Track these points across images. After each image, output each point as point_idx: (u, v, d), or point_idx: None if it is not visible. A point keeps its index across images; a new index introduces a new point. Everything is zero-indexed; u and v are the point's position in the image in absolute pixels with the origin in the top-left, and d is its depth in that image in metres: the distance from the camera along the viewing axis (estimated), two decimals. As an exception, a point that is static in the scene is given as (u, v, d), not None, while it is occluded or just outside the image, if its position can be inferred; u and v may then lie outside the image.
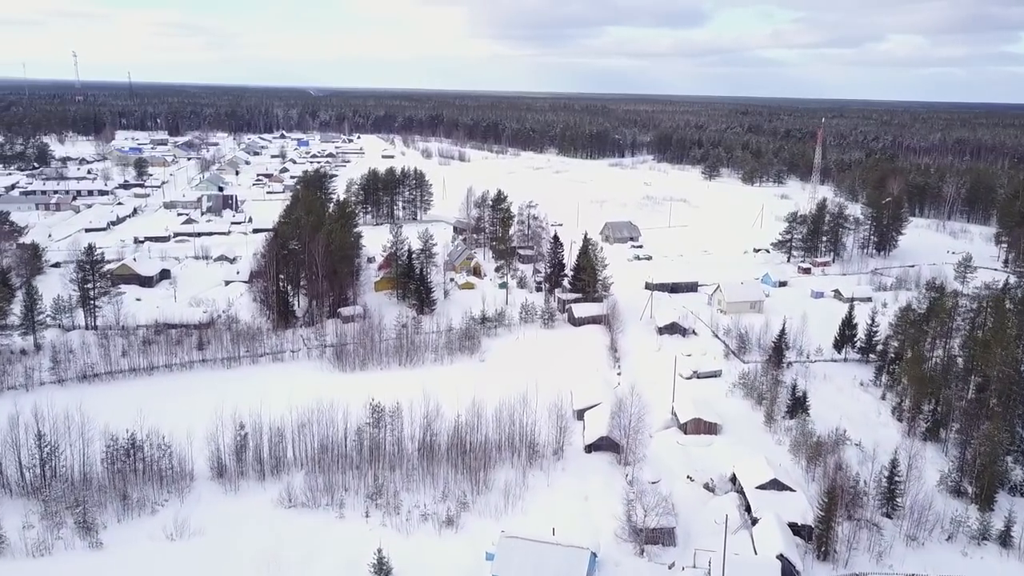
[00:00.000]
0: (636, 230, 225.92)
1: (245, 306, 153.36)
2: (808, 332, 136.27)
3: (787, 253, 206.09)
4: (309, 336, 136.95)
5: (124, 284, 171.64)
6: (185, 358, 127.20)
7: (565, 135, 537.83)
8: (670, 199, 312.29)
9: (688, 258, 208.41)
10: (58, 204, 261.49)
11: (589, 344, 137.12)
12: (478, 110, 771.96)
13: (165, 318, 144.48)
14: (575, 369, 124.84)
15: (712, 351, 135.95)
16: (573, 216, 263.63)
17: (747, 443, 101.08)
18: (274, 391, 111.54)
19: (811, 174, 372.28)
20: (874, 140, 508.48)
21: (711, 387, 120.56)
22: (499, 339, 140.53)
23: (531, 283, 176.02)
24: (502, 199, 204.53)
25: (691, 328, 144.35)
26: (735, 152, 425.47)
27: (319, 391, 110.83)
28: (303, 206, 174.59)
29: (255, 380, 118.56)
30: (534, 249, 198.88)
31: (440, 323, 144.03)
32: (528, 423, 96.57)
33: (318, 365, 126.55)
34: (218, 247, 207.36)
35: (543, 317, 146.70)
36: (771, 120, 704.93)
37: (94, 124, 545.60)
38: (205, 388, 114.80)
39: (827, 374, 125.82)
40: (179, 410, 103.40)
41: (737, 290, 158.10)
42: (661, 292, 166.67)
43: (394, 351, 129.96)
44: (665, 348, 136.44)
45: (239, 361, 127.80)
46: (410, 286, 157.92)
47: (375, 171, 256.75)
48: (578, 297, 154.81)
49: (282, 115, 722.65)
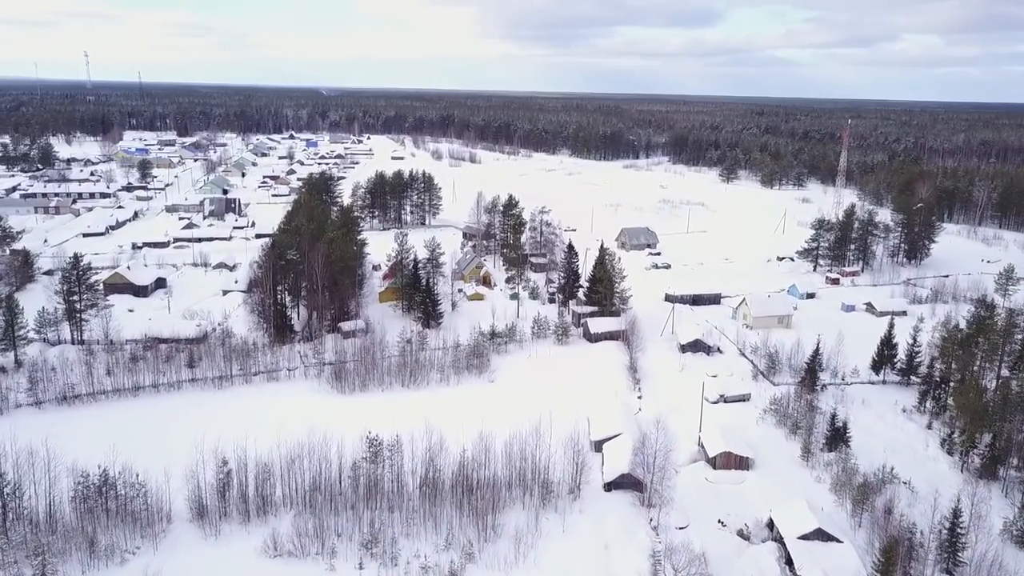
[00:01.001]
0: (653, 236, 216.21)
1: (242, 319, 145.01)
2: (843, 351, 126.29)
3: (813, 262, 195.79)
4: (307, 353, 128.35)
5: (117, 294, 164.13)
6: (174, 377, 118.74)
7: (578, 136, 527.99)
8: (687, 203, 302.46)
9: (709, 267, 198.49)
10: (57, 207, 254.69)
11: (606, 363, 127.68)
12: (489, 110, 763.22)
13: (156, 332, 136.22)
14: (592, 392, 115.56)
15: (739, 371, 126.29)
16: (587, 220, 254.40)
17: (783, 480, 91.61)
18: (266, 416, 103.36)
19: (833, 177, 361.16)
20: (895, 141, 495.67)
21: (740, 413, 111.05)
22: (510, 356, 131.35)
23: (544, 294, 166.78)
24: (513, 204, 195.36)
25: (716, 345, 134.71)
26: (753, 154, 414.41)
27: (314, 416, 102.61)
28: (304, 212, 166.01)
29: (246, 403, 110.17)
30: (547, 257, 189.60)
31: (447, 338, 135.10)
32: (541, 458, 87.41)
33: (315, 385, 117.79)
34: (218, 253, 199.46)
35: (557, 332, 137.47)
36: (788, 120, 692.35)
37: (102, 124, 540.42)
38: (192, 411, 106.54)
39: (865, 399, 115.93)
40: (160, 439, 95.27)
41: (764, 303, 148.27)
42: (682, 305, 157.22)
43: (397, 370, 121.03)
44: (688, 368, 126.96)
45: (231, 380, 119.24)
46: (416, 298, 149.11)
47: (382, 174, 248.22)
48: (594, 311, 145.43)
49: (292, 115, 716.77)
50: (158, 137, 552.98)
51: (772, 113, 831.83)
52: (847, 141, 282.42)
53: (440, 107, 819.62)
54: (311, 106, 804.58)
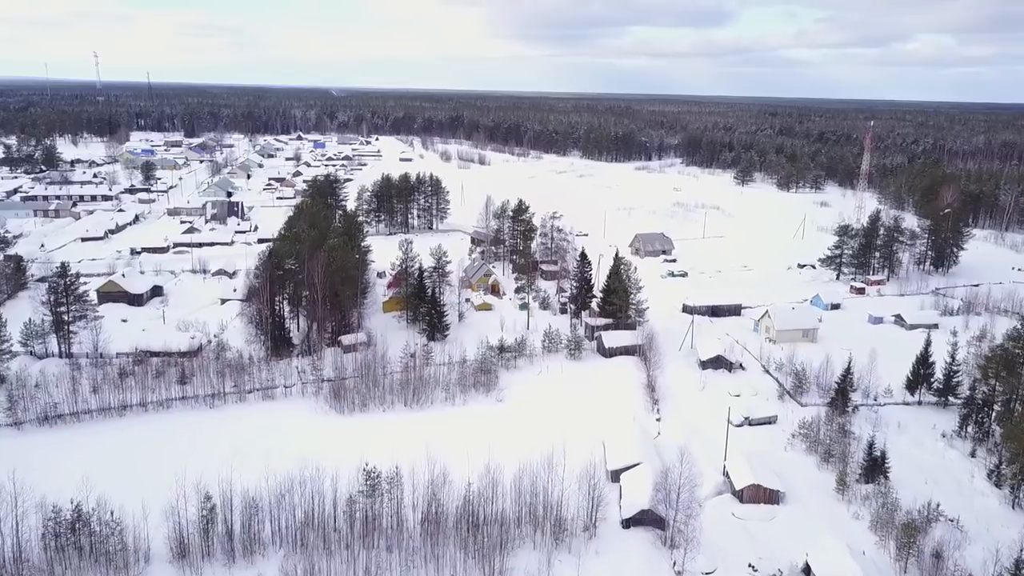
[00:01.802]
0: (669, 243, 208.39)
1: (239, 330, 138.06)
2: (875, 369, 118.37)
3: (836, 270, 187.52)
4: (305, 368, 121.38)
5: (111, 302, 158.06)
6: (163, 395, 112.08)
7: (589, 137, 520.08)
8: (702, 206, 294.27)
9: (727, 275, 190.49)
10: (57, 211, 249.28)
11: (622, 381, 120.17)
12: (499, 111, 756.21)
13: (148, 345, 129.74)
14: (607, 413, 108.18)
15: (763, 390, 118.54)
16: (598, 224, 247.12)
17: (817, 516, 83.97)
18: (258, 439, 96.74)
19: (852, 180, 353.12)
20: (913, 143, 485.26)
21: (766, 437, 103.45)
22: (519, 372, 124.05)
23: (555, 304, 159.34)
24: (523, 210, 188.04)
25: (738, 362, 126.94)
26: (768, 156, 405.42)
27: (310, 440, 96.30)
28: (306, 218, 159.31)
29: (238, 424, 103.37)
30: (558, 264, 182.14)
31: (453, 352, 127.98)
32: (554, 492, 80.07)
33: (312, 404, 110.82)
34: (219, 259, 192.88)
35: (569, 347, 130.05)
36: (802, 121, 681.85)
37: (109, 125, 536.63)
38: (180, 434, 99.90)
39: (901, 422, 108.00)
40: (142, 467, 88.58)
41: (788, 316, 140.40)
42: (700, 316, 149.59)
43: (399, 388, 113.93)
44: (709, 386, 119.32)
45: (224, 399, 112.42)
46: (420, 309, 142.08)
47: (388, 177, 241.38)
48: (608, 323, 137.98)
49: (300, 116, 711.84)
50: (164, 138, 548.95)
51: (785, 114, 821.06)
52: (869, 144, 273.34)
53: (449, 108, 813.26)
54: (319, 107, 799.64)
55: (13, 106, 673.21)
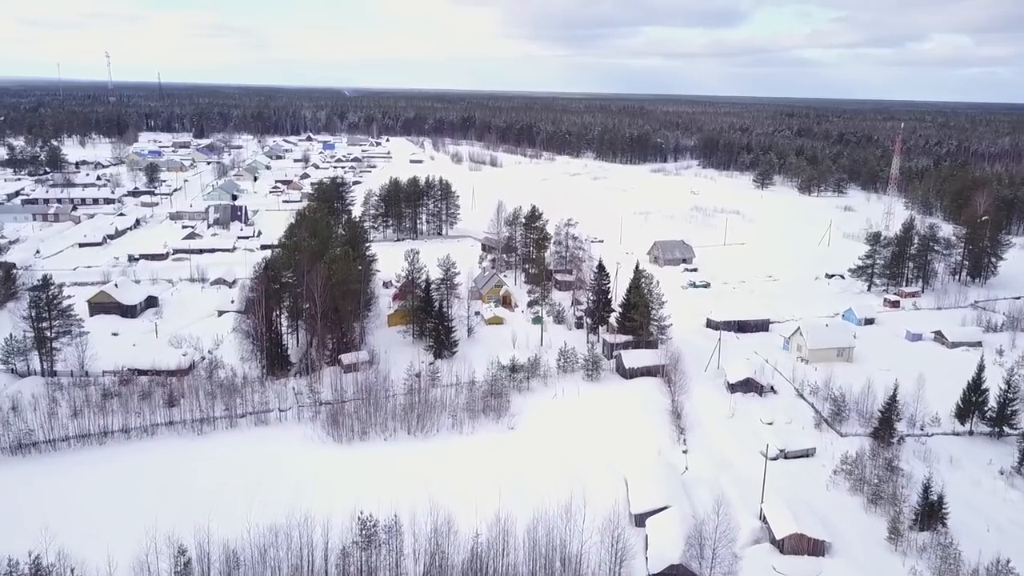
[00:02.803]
0: (689, 251, 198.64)
1: (234, 346, 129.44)
2: (921, 394, 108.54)
3: (868, 281, 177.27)
4: (302, 390, 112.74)
5: (103, 313, 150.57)
6: (149, 419, 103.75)
7: (604, 138, 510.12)
8: (721, 211, 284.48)
9: (751, 285, 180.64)
10: (56, 215, 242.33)
11: (644, 406, 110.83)
12: (511, 111, 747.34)
13: (136, 362, 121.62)
14: (629, 443, 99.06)
15: (798, 417, 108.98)
16: (615, 229, 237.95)
17: (869, 572, 74.45)
18: (246, 472, 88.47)
19: (876, 184, 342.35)
20: (937, 144, 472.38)
21: (804, 473, 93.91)
22: (532, 396, 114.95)
23: (570, 318, 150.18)
24: (537, 216, 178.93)
25: (769, 385, 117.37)
26: (788, 158, 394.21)
27: (303, 473, 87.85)
28: (307, 225, 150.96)
29: (226, 455, 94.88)
30: (573, 274, 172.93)
31: (461, 371, 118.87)
32: (572, 543, 71.00)
33: (308, 431, 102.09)
34: (219, 267, 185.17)
35: (586, 367, 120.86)
36: (820, 122, 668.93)
37: (117, 126, 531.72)
38: (163, 465, 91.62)
39: (953, 456, 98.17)
40: (116, 507, 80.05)
41: (822, 333, 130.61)
42: (725, 332, 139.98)
43: (402, 413, 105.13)
44: (739, 412, 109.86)
45: (213, 424, 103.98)
46: (427, 324, 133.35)
47: (397, 181, 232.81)
48: (628, 340, 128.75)
49: (310, 117, 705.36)
50: (173, 139, 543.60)
51: (802, 115, 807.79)
52: (899, 146, 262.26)
53: (461, 108, 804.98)
54: (330, 107, 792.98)
55: (24, 106, 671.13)
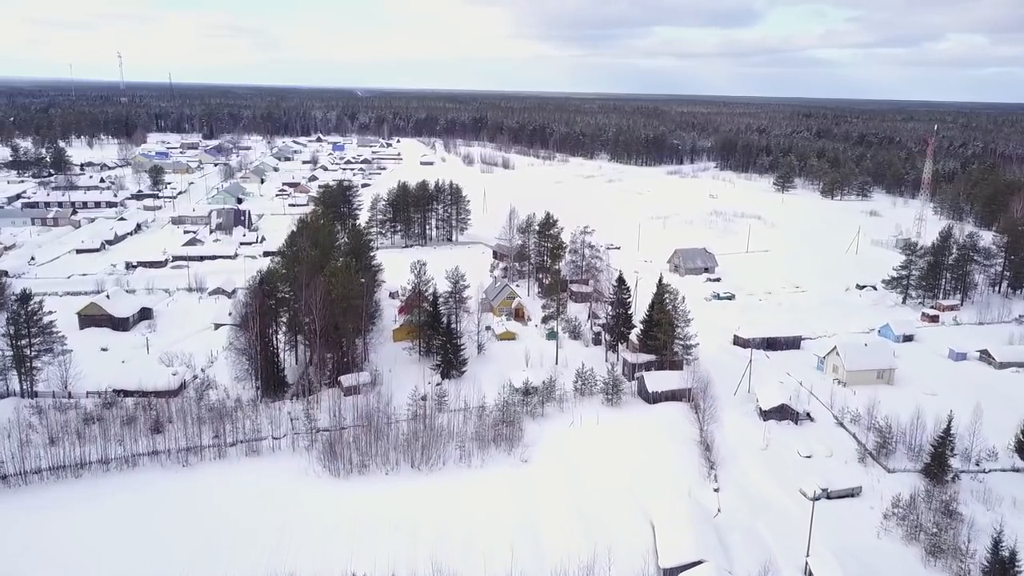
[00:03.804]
0: (712, 259, 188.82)
1: (229, 364, 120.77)
2: (978, 425, 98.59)
3: (903, 293, 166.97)
4: (298, 415, 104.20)
5: (94, 327, 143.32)
6: (131, 448, 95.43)
7: (618, 140, 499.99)
8: (742, 215, 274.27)
9: (778, 297, 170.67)
10: (55, 219, 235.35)
11: (670, 436, 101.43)
12: (523, 112, 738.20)
13: (122, 382, 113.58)
14: (655, 479, 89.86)
15: (839, 449, 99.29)
16: (631, 234, 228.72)
17: (936, 643, 64.97)
18: (231, 515, 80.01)
19: (902, 187, 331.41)
20: (962, 146, 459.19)
21: (851, 516, 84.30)
22: (548, 423, 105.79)
23: (587, 333, 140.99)
24: (551, 224, 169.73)
25: (805, 411, 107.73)
26: (809, 160, 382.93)
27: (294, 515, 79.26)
28: (309, 234, 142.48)
29: (211, 492, 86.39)
30: (590, 284, 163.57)
31: (470, 394, 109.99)
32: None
33: (303, 463, 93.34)
34: (218, 275, 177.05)
35: (606, 390, 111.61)
36: (838, 123, 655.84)
37: (126, 127, 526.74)
38: (140, 505, 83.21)
39: (1016, 497, 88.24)
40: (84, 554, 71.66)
41: (860, 353, 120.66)
42: (755, 350, 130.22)
43: (406, 443, 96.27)
44: (774, 443, 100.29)
45: (200, 454, 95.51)
46: (434, 341, 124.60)
47: (405, 185, 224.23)
48: (650, 360, 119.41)
49: (320, 117, 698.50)
50: (182, 140, 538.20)
51: (820, 115, 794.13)
52: (932, 149, 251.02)
53: (472, 109, 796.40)
54: (340, 107, 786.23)
55: (34, 107, 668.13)
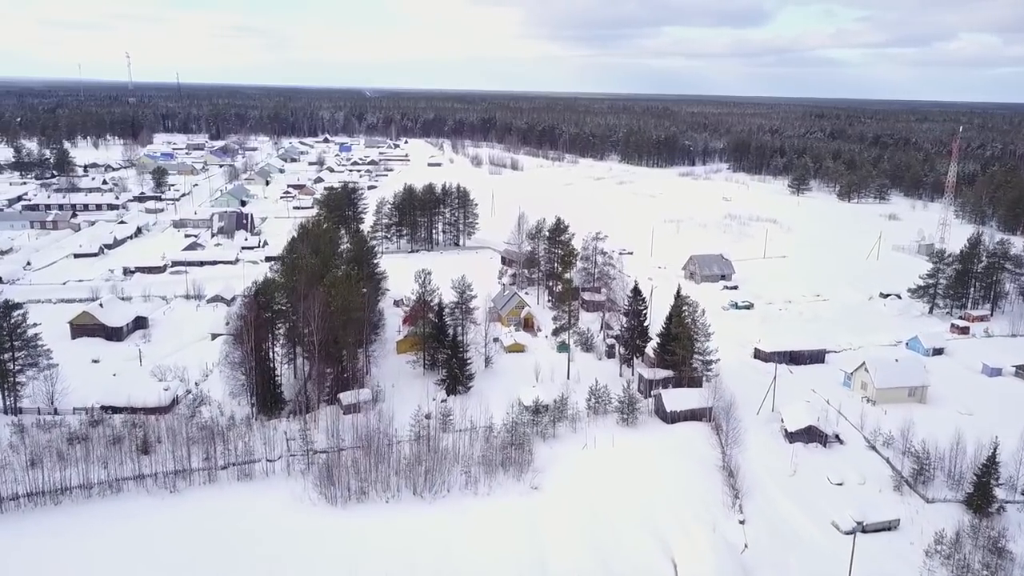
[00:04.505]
0: (729, 266, 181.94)
1: (224, 378, 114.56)
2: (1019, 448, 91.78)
3: (930, 303, 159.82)
4: (295, 435, 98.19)
5: (86, 336, 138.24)
6: (116, 471, 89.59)
7: (629, 140, 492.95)
8: (757, 219, 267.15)
9: (799, 306, 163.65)
10: (55, 222, 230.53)
11: (691, 460, 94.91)
12: (532, 112, 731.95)
13: (111, 398, 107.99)
14: (675, 510, 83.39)
15: (872, 476, 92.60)
16: (643, 238, 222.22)
17: None
18: (217, 550, 73.86)
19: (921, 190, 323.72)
20: (980, 148, 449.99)
21: (889, 552, 77.72)
22: (559, 445, 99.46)
23: (600, 344, 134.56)
24: (562, 230, 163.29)
25: (834, 433, 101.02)
26: (824, 162, 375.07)
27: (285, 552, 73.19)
28: (309, 241, 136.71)
29: (199, 519, 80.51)
30: (602, 292, 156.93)
31: (477, 411, 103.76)
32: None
33: (298, 489, 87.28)
34: (218, 281, 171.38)
35: (621, 409, 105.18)
36: (852, 124, 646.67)
37: (131, 127, 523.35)
38: (120, 538, 77.32)
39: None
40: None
41: (891, 370, 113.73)
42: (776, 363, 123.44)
43: (407, 468, 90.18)
44: (802, 468, 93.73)
45: (189, 479, 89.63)
46: (440, 354, 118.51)
47: (412, 188, 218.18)
48: (668, 376, 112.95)
49: (328, 118, 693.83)
50: (188, 141, 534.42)
51: (833, 115, 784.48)
52: (956, 151, 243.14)
53: (481, 109, 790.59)
54: (348, 108, 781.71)
55: (42, 107, 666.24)
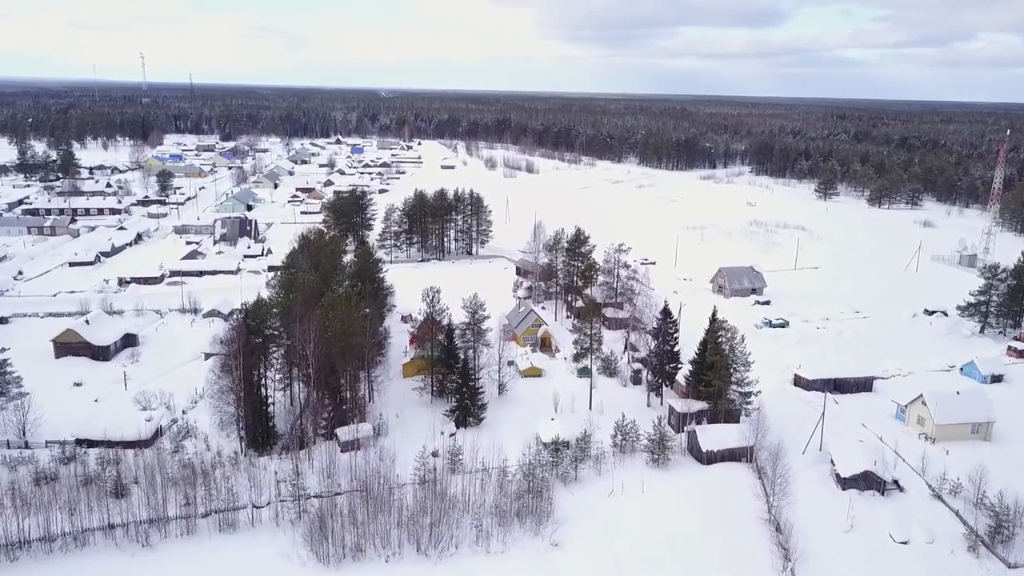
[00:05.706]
0: (760, 279, 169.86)
1: (213, 406, 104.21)
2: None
3: (981, 322, 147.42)
4: (286, 476, 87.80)
5: (71, 355, 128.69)
6: (83, 520, 79.62)
7: (648, 142, 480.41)
8: (784, 225, 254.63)
9: (838, 324, 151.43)
10: (53, 227, 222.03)
11: (732, 511, 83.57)
12: (548, 113, 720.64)
13: (87, 430, 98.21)
14: (717, 573, 72.20)
15: (940, 532, 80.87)
16: (666, 246, 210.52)
17: None
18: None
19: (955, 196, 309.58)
20: (1013, 151, 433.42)
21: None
22: (582, 490, 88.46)
23: (624, 368, 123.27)
24: (582, 242, 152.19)
25: (893, 479, 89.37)
26: (852, 165, 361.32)
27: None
28: (309, 254, 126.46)
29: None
30: (625, 308, 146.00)
31: (489, 448, 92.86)
32: None
33: (286, 545, 76.94)
34: (216, 293, 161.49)
35: (651, 448, 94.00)
36: (875, 125, 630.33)
37: (142, 128, 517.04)
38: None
39: None
40: None
41: (952, 404, 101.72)
42: (818, 391, 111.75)
43: (411, 519, 79.54)
44: (860, 522, 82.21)
45: (165, 530, 79.51)
46: (449, 381, 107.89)
47: (422, 194, 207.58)
48: (702, 409, 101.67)
49: (340, 119, 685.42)
50: (198, 142, 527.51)
51: (854, 116, 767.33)
52: (1003, 157, 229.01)
53: (496, 110, 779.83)
54: (361, 108, 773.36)
55: (55, 108, 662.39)
